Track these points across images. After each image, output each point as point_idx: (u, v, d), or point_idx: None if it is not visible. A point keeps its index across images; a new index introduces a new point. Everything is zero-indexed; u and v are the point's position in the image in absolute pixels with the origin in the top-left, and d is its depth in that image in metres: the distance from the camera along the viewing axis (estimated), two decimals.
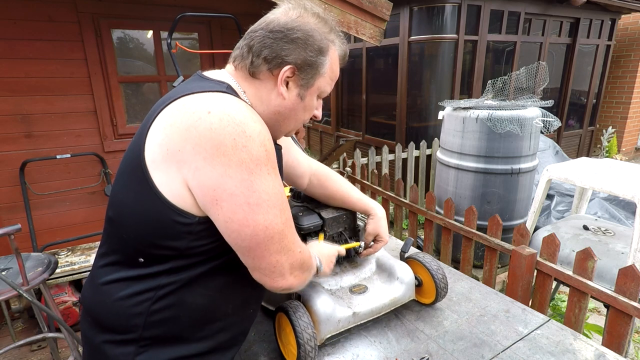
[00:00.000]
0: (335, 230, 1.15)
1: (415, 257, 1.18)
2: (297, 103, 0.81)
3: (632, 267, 1.56)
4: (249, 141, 0.65)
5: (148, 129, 0.69)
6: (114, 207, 0.76)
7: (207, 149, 0.63)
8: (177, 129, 0.66)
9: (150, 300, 0.73)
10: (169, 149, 0.66)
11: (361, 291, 1.09)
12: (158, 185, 0.67)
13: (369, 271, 1.17)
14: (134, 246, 0.73)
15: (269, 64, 0.76)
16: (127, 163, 0.73)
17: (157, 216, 0.68)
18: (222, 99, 0.68)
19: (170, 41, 2.05)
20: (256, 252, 0.70)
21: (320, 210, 1.15)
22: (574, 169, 2.50)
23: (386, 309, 1.09)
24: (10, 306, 2.52)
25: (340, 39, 0.83)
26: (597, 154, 6.92)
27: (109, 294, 0.75)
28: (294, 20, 0.77)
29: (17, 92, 2.55)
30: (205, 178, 0.65)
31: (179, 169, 0.66)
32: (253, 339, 1.09)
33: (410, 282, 1.13)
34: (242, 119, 0.66)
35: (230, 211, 0.66)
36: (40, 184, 2.73)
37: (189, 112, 0.66)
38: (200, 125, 0.64)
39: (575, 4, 5.05)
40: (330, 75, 0.82)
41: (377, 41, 2.62)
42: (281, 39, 0.75)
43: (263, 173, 0.67)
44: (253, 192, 0.66)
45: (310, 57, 0.77)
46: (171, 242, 0.70)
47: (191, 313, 0.77)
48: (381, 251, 1.23)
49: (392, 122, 5.20)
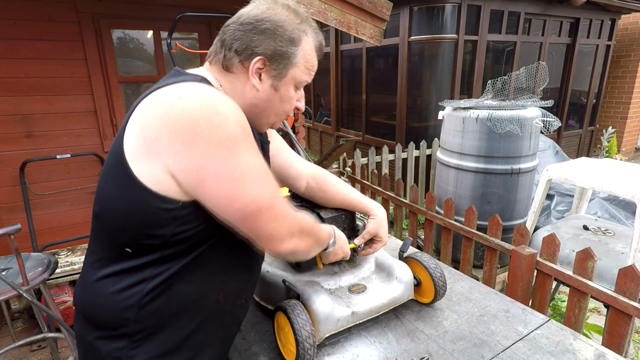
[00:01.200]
0: None
1: (414, 257, 1.18)
2: (271, 94, 0.82)
3: (632, 267, 1.56)
4: (224, 118, 0.66)
5: (126, 123, 0.71)
6: (99, 202, 0.77)
7: (184, 132, 0.64)
8: (151, 118, 0.67)
9: (141, 293, 0.73)
10: (145, 138, 0.67)
11: (360, 291, 1.09)
12: (138, 175, 0.68)
13: (367, 271, 1.17)
14: (121, 239, 0.74)
15: (239, 56, 0.78)
16: (109, 158, 0.74)
17: (141, 206, 0.69)
18: (193, 86, 0.70)
19: (170, 41, 2.05)
20: (250, 223, 0.72)
21: (320, 210, 1.15)
22: (574, 169, 2.50)
23: (385, 308, 1.09)
24: (10, 306, 2.53)
25: (313, 29, 0.83)
26: (597, 154, 6.92)
27: (100, 290, 0.76)
28: (263, 12, 0.78)
29: (17, 92, 2.55)
30: (186, 161, 0.66)
31: (158, 156, 0.67)
32: (253, 339, 1.09)
33: (409, 281, 1.12)
34: (213, 100, 0.67)
35: (216, 188, 0.68)
36: (40, 184, 2.73)
37: (162, 101, 0.68)
38: (173, 110, 0.65)
39: (575, 4, 5.05)
40: (305, 64, 0.82)
41: (377, 41, 2.62)
42: (250, 31, 0.77)
43: (242, 148, 0.68)
44: (235, 167, 0.67)
45: (280, 47, 0.78)
46: (157, 230, 0.71)
47: (182, 302, 0.77)
48: (380, 251, 1.23)
49: (392, 122, 5.20)
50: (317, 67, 0.87)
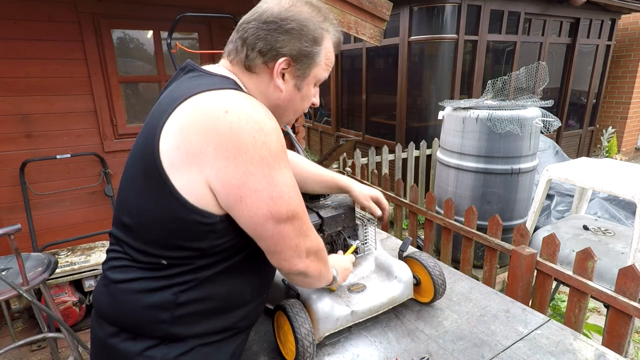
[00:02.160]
0: (334, 229, 1.15)
1: (413, 256, 1.18)
2: (294, 94, 0.82)
3: (632, 267, 1.56)
4: (267, 137, 0.67)
5: (160, 132, 0.68)
6: (130, 214, 0.75)
7: (229, 148, 0.64)
8: (195, 130, 0.66)
9: (174, 298, 0.74)
10: (188, 151, 0.66)
11: (360, 290, 1.09)
12: (179, 188, 0.67)
13: (367, 270, 1.18)
14: (156, 251, 0.73)
15: (264, 57, 0.76)
16: (139, 169, 0.72)
17: (181, 219, 0.69)
18: (237, 97, 0.69)
19: (170, 41, 2.05)
20: (278, 239, 0.73)
21: (319, 209, 1.15)
22: (574, 169, 2.50)
23: (384, 307, 1.09)
24: (10, 306, 2.52)
25: (334, 26, 0.83)
26: (597, 154, 6.92)
27: (132, 298, 0.75)
28: (287, 9, 0.76)
29: (17, 92, 2.55)
30: (229, 177, 0.66)
31: (201, 170, 0.66)
32: (253, 339, 1.09)
33: (408, 280, 1.13)
34: (259, 116, 0.67)
35: (254, 207, 0.68)
36: (40, 184, 2.73)
37: (205, 113, 0.66)
38: (219, 125, 0.65)
39: (575, 4, 5.05)
40: (325, 62, 0.83)
41: (377, 41, 2.62)
42: (275, 30, 0.75)
43: (281, 167, 0.69)
44: (275, 186, 0.68)
45: (305, 47, 0.77)
46: (196, 243, 0.72)
47: (213, 304, 0.78)
48: (380, 250, 1.24)
49: (392, 122, 5.20)
50: None
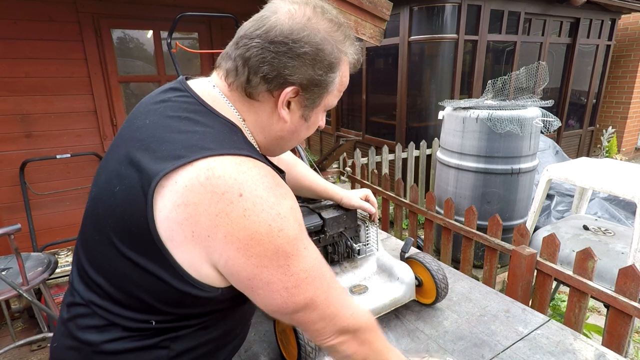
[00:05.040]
0: (336, 231, 1.15)
1: (416, 258, 1.18)
2: (300, 125, 0.71)
3: (632, 267, 1.56)
4: (285, 223, 0.58)
5: (154, 194, 0.57)
6: (104, 275, 0.66)
7: (241, 238, 0.57)
8: (204, 212, 0.56)
9: (167, 352, 0.68)
10: (194, 232, 0.57)
11: (361, 291, 1.09)
12: (181, 262, 0.60)
13: (369, 271, 1.17)
14: (144, 316, 0.65)
15: (268, 84, 0.64)
16: (124, 227, 0.61)
17: (175, 290, 0.62)
18: (252, 175, 0.59)
19: (170, 41, 2.05)
20: (298, 323, 0.67)
21: (321, 210, 1.14)
22: (574, 169, 2.50)
23: (386, 309, 1.08)
24: (10, 306, 2.52)
25: (354, 47, 0.70)
26: (597, 154, 6.92)
27: (119, 357, 0.67)
28: (302, 27, 0.63)
29: (17, 92, 2.55)
30: (238, 269, 0.59)
31: (208, 254, 0.59)
32: (253, 339, 1.09)
33: (410, 282, 1.12)
34: (274, 200, 0.58)
35: (268, 297, 0.62)
36: (40, 184, 2.73)
37: (217, 194, 0.56)
38: (232, 211, 0.56)
39: (575, 4, 5.05)
40: (339, 88, 0.71)
41: (377, 41, 2.62)
42: (284, 54, 0.62)
43: (300, 251, 0.61)
44: (290, 275, 0.60)
45: (318, 75, 0.65)
46: (189, 310, 0.66)
47: (208, 348, 0.74)
48: (381, 251, 1.24)
49: (392, 122, 5.20)
50: None
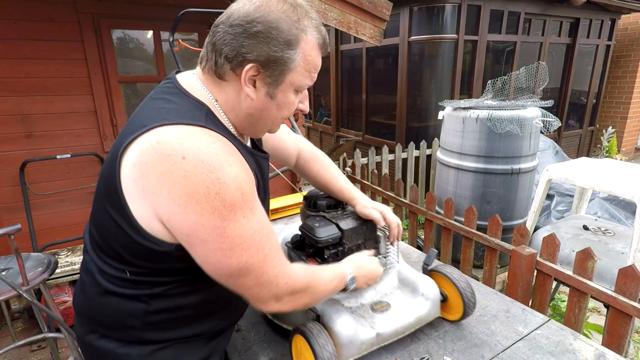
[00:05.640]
0: (355, 242, 1.06)
1: (440, 270, 1.09)
2: (267, 102, 0.75)
3: (632, 267, 1.56)
4: (223, 188, 0.63)
5: (122, 156, 0.67)
6: (95, 226, 0.77)
7: (181, 196, 0.63)
8: (152, 170, 0.64)
9: (145, 305, 0.75)
10: (144, 187, 0.65)
11: (384, 309, 1.00)
12: (136, 215, 0.67)
13: (390, 286, 1.09)
14: (119, 265, 0.75)
15: (230, 63, 0.70)
16: (104, 185, 0.72)
17: (136, 243, 0.69)
18: (198, 142, 0.65)
19: (172, 39, 2.02)
20: (234, 286, 0.72)
21: (339, 221, 1.05)
22: (574, 169, 2.50)
23: (411, 328, 1.00)
24: (10, 306, 2.53)
25: (314, 25, 0.73)
26: (597, 154, 6.92)
27: (104, 301, 0.77)
28: (255, 9, 0.68)
29: (17, 92, 2.55)
30: (179, 224, 0.65)
31: (155, 209, 0.66)
32: (253, 339, 1.09)
33: (435, 298, 1.04)
34: (216, 164, 0.64)
35: (204, 255, 0.67)
36: (40, 184, 2.73)
37: (163, 155, 0.63)
38: (175, 171, 0.62)
39: (575, 4, 5.05)
40: (305, 67, 0.74)
41: (377, 41, 2.63)
42: (240, 34, 0.68)
43: (237, 217, 0.66)
44: (226, 237, 0.65)
45: (274, 52, 0.69)
46: (154, 264, 0.73)
47: (185, 313, 0.79)
48: (402, 263, 1.15)
49: (392, 122, 5.20)
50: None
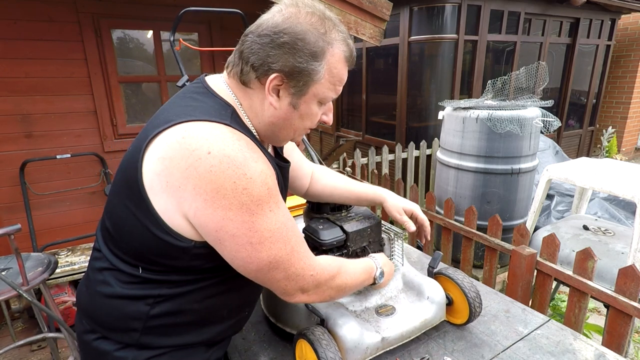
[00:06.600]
0: (359, 245, 1.04)
1: (445, 273, 1.08)
2: (290, 112, 0.76)
3: (632, 267, 1.56)
4: (250, 183, 0.64)
5: (145, 150, 0.68)
6: (111, 220, 0.76)
7: (208, 191, 0.63)
8: (177, 165, 0.64)
9: (148, 308, 0.75)
10: (168, 182, 0.65)
11: (389, 313, 1.00)
12: (158, 210, 0.68)
13: (395, 289, 1.08)
14: (133, 260, 0.74)
15: (256, 72, 0.72)
16: (124, 179, 0.72)
17: (155, 237, 0.69)
18: (223, 137, 0.66)
19: (173, 39, 2.01)
20: (263, 280, 0.73)
21: (343, 223, 1.03)
22: (574, 169, 2.50)
23: (416, 332, 0.99)
24: (10, 306, 2.52)
25: (341, 38, 0.74)
26: (597, 154, 6.92)
27: (107, 300, 0.77)
28: (284, 21, 0.70)
29: (17, 92, 2.55)
30: (206, 220, 0.65)
31: (179, 204, 0.66)
32: (253, 339, 1.09)
33: (441, 301, 1.03)
34: (242, 160, 0.65)
35: (233, 250, 0.68)
36: (40, 184, 2.73)
37: (188, 150, 0.64)
38: (200, 166, 0.63)
39: (575, 4, 5.05)
40: (329, 79, 0.75)
41: (377, 41, 2.62)
42: (267, 44, 0.70)
43: (265, 211, 0.67)
44: (255, 232, 0.67)
45: (299, 63, 0.70)
46: (169, 261, 0.72)
47: (188, 319, 0.78)
48: (407, 266, 1.15)
49: (392, 122, 5.20)
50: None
